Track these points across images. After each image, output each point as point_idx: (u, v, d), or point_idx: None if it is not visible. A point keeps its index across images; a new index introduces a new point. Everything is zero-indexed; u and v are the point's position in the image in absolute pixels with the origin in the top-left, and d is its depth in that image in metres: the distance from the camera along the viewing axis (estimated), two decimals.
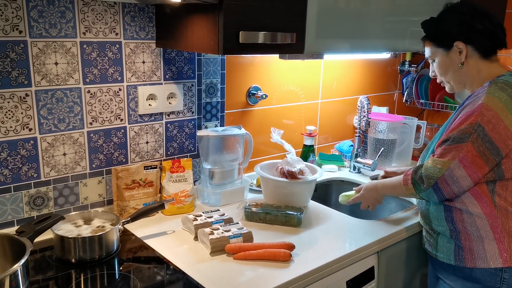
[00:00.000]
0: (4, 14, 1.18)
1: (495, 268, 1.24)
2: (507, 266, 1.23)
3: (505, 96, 1.24)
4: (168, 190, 1.50)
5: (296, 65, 1.92)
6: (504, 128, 1.21)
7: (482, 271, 1.25)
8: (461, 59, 1.32)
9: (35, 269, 1.16)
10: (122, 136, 1.46)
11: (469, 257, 1.27)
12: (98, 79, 1.37)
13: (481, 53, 1.32)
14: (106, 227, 1.26)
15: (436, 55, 1.37)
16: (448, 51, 1.34)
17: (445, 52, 1.35)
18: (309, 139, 1.93)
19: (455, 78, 1.37)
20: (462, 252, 1.29)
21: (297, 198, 1.55)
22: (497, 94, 1.24)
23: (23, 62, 1.23)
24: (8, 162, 1.26)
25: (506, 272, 1.23)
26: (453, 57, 1.34)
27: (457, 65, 1.34)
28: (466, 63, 1.33)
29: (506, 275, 1.23)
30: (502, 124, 1.21)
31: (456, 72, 1.35)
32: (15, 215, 1.30)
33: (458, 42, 1.31)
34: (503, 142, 1.21)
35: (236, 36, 1.18)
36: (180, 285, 1.12)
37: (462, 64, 1.32)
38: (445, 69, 1.37)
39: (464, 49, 1.31)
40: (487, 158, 1.21)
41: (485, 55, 1.32)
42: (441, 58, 1.37)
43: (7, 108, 1.23)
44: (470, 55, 1.32)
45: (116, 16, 1.37)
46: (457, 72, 1.35)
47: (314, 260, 1.22)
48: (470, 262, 1.27)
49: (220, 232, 1.27)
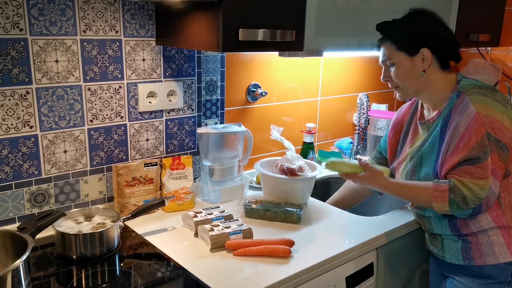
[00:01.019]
0: (5, 12, 1.18)
1: (504, 262, 1.25)
2: None
3: (488, 99, 1.24)
4: (168, 187, 1.51)
5: (296, 62, 1.92)
6: (504, 127, 1.21)
7: (492, 267, 1.26)
8: (424, 66, 1.30)
9: (36, 265, 1.16)
10: (122, 133, 1.47)
11: (477, 255, 1.28)
12: (99, 77, 1.38)
13: (441, 64, 1.31)
14: (107, 224, 1.26)
15: (396, 59, 1.31)
16: (411, 56, 1.30)
17: (407, 56, 1.30)
18: (308, 136, 1.93)
19: (412, 85, 1.33)
20: (470, 252, 1.29)
21: (297, 195, 1.56)
22: (481, 99, 1.23)
23: (24, 60, 1.24)
24: (9, 160, 1.26)
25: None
26: (415, 63, 1.30)
27: (418, 72, 1.30)
28: (427, 72, 1.31)
29: None
30: (500, 124, 1.21)
31: (415, 79, 1.31)
32: (17, 212, 1.30)
33: (425, 49, 1.28)
34: (508, 139, 1.22)
35: (236, 34, 1.18)
36: (180, 281, 1.13)
37: (423, 72, 1.30)
38: (404, 75, 1.32)
39: (429, 57, 1.29)
40: (504, 160, 1.22)
41: (444, 66, 1.32)
42: (402, 62, 1.31)
43: (8, 106, 1.24)
44: (431, 64, 1.30)
45: (116, 14, 1.37)
46: (416, 79, 1.31)
47: (314, 256, 1.23)
48: (479, 260, 1.27)
49: (220, 228, 1.28)
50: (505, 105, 1.25)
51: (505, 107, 1.24)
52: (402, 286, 1.55)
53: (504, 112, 1.23)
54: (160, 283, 1.11)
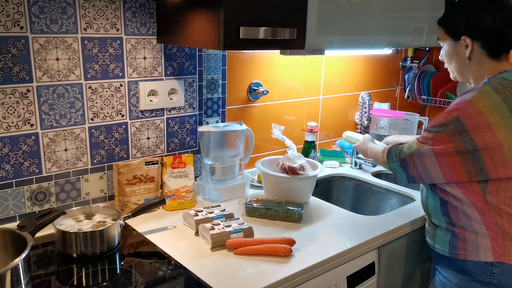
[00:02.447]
0: (5, 10, 1.18)
1: (485, 262, 1.24)
2: (498, 261, 1.23)
3: (497, 97, 1.20)
4: (169, 185, 1.51)
5: (297, 61, 1.91)
6: (487, 126, 1.17)
7: (473, 263, 1.26)
8: (467, 53, 1.28)
9: (37, 263, 1.16)
10: (123, 131, 1.47)
11: (462, 249, 1.28)
12: (99, 75, 1.38)
13: (488, 52, 1.27)
14: (107, 222, 1.26)
15: (444, 41, 1.35)
16: (455, 42, 1.30)
17: (452, 42, 1.31)
18: (310, 135, 1.93)
19: (458, 70, 1.35)
20: (456, 244, 1.29)
21: (298, 193, 1.55)
22: (488, 93, 1.20)
23: (25, 58, 1.23)
24: (10, 158, 1.26)
25: (496, 267, 1.23)
26: (458, 50, 1.30)
27: (462, 58, 1.30)
28: (473, 58, 1.29)
29: (496, 270, 1.23)
30: (485, 122, 1.17)
31: (461, 64, 1.32)
32: (17, 210, 1.30)
33: (465, 37, 1.27)
34: (482, 140, 1.17)
35: (237, 32, 1.18)
36: (181, 280, 1.12)
37: (468, 58, 1.29)
38: (450, 59, 1.35)
39: (470, 45, 1.27)
40: (466, 161, 1.18)
41: (492, 54, 1.27)
42: (448, 47, 1.34)
43: (9, 104, 1.23)
44: (476, 51, 1.27)
45: (117, 12, 1.37)
46: (462, 64, 1.32)
47: (315, 256, 1.22)
48: (462, 255, 1.28)
49: (221, 227, 1.28)
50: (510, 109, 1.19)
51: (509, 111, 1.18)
52: (403, 286, 1.55)
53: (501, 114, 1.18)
54: (160, 281, 1.11)
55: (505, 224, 1.22)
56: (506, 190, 1.21)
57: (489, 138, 1.17)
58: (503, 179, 1.20)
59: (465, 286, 1.28)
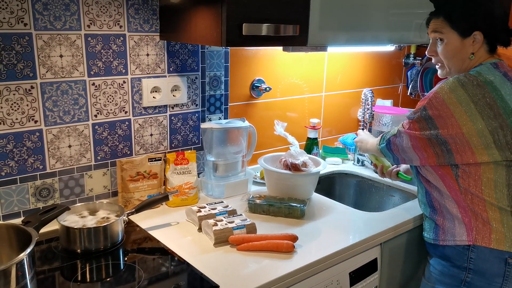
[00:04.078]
0: (9, 7, 1.18)
1: (462, 246, 1.27)
2: (472, 244, 1.25)
3: (461, 91, 1.22)
4: (172, 182, 1.51)
5: (300, 57, 1.91)
6: (451, 116, 1.22)
7: (452, 249, 1.30)
8: (473, 49, 1.28)
9: (41, 259, 1.17)
10: (126, 128, 1.47)
11: (441, 234, 1.33)
12: (103, 72, 1.38)
13: (489, 47, 1.29)
14: (111, 218, 1.27)
15: (446, 36, 1.29)
16: (463, 37, 1.27)
17: (459, 37, 1.28)
18: (312, 132, 1.93)
19: (457, 65, 1.32)
20: (437, 230, 1.35)
21: (301, 190, 1.56)
22: (454, 87, 1.23)
23: (28, 55, 1.24)
24: (14, 154, 1.27)
25: (473, 251, 1.26)
26: (465, 45, 1.28)
27: (466, 54, 1.29)
28: (476, 54, 1.29)
29: (472, 255, 1.26)
30: (448, 112, 1.22)
31: (463, 60, 1.30)
32: (21, 206, 1.31)
33: (478, 32, 1.26)
34: (445, 128, 1.22)
35: (239, 28, 1.18)
36: (184, 276, 1.13)
37: (473, 54, 1.28)
38: (453, 54, 1.30)
39: (481, 40, 1.27)
40: (433, 145, 1.26)
41: (492, 49, 1.30)
42: (452, 41, 1.28)
43: (13, 100, 1.24)
44: (480, 47, 1.28)
45: (120, 9, 1.37)
46: (464, 60, 1.30)
47: (317, 252, 1.23)
48: (442, 240, 1.32)
49: (223, 223, 1.28)
50: (476, 104, 1.21)
51: (474, 105, 1.21)
52: (406, 282, 1.55)
53: (465, 106, 1.21)
54: (164, 277, 1.12)
55: (476, 208, 1.26)
56: (475, 175, 1.26)
57: (452, 128, 1.23)
58: (471, 164, 1.25)
59: (447, 272, 1.32)
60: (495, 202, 1.25)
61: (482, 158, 1.23)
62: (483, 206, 1.26)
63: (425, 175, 1.36)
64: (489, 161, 1.24)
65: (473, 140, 1.22)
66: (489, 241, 1.24)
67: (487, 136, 1.22)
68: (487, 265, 1.25)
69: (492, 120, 1.22)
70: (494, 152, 1.23)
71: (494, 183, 1.25)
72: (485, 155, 1.23)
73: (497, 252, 1.23)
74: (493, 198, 1.25)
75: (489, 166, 1.24)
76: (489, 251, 1.24)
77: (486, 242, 1.24)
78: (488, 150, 1.23)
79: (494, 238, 1.24)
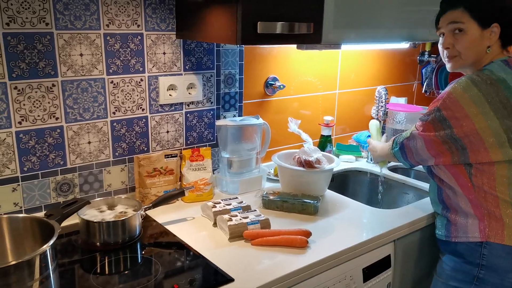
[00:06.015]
0: (32, 7, 1.22)
1: (475, 243, 1.28)
2: (486, 241, 1.26)
3: (475, 90, 1.23)
4: (188, 178, 1.54)
5: (314, 55, 1.92)
6: (465, 116, 1.22)
7: (464, 245, 1.30)
8: (490, 42, 1.27)
9: (62, 252, 1.21)
10: (143, 125, 1.51)
11: (454, 231, 1.33)
12: (121, 70, 1.41)
13: (503, 42, 1.30)
14: (129, 213, 1.30)
15: (466, 26, 1.27)
16: (483, 28, 1.26)
17: (479, 27, 1.26)
18: (326, 129, 1.94)
19: (474, 58, 1.30)
20: (449, 227, 1.35)
21: (314, 187, 1.57)
22: (467, 87, 1.23)
23: (50, 53, 1.28)
24: (36, 150, 1.31)
25: (485, 248, 1.27)
26: (484, 37, 1.27)
27: (483, 46, 1.28)
28: (492, 48, 1.29)
29: (485, 251, 1.27)
30: (463, 112, 1.22)
31: (479, 53, 1.29)
32: (43, 201, 1.35)
33: (496, 24, 1.26)
34: (460, 128, 1.23)
35: (254, 27, 1.20)
36: (199, 269, 1.15)
37: (489, 47, 1.28)
38: (470, 46, 1.28)
39: (497, 33, 1.27)
40: (448, 146, 1.27)
41: (504, 44, 1.31)
42: (472, 31, 1.26)
43: (35, 98, 1.28)
44: (495, 42, 1.29)
45: (138, 8, 1.40)
46: (481, 53, 1.29)
47: (331, 247, 1.24)
48: (454, 237, 1.33)
49: (238, 218, 1.30)
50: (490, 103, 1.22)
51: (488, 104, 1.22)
52: (419, 279, 1.55)
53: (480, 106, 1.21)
54: (180, 270, 1.14)
55: (489, 205, 1.27)
56: (489, 173, 1.26)
57: (467, 127, 1.23)
58: (485, 163, 1.26)
59: (459, 268, 1.32)
60: (509, 199, 1.25)
61: (496, 156, 1.24)
62: (496, 203, 1.26)
63: (438, 174, 1.37)
64: (503, 160, 1.24)
65: (488, 139, 1.23)
66: (502, 238, 1.24)
67: (501, 135, 1.22)
68: (499, 261, 1.25)
69: (506, 118, 1.22)
70: (508, 151, 1.23)
71: (508, 181, 1.25)
72: (499, 154, 1.23)
73: (510, 248, 1.24)
74: (506, 195, 1.25)
75: (503, 164, 1.25)
76: (502, 247, 1.24)
77: (499, 238, 1.25)
78: (502, 149, 1.23)
79: (507, 234, 1.24)
